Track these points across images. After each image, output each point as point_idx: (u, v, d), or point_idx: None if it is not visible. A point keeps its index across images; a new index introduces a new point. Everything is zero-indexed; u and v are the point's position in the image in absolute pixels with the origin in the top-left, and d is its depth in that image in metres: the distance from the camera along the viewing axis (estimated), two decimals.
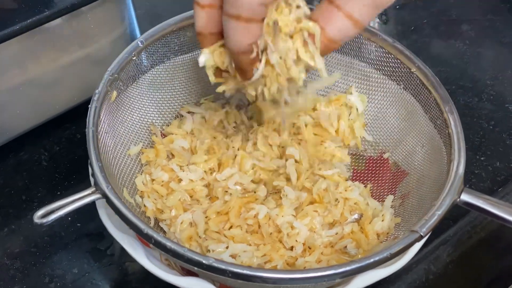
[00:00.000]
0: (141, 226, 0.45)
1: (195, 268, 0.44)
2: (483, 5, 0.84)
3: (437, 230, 0.48)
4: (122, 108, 0.57)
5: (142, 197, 0.55)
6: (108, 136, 0.53)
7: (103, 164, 0.49)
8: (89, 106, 0.51)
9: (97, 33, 0.62)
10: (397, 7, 0.83)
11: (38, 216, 0.45)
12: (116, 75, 0.54)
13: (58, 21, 0.56)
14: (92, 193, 0.47)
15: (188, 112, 0.62)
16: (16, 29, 0.53)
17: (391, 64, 0.59)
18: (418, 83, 0.56)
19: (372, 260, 0.44)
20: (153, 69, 0.59)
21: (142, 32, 0.59)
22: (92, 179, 0.48)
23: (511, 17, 0.82)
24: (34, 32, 0.55)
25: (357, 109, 0.61)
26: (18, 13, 0.54)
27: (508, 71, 0.75)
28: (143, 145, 0.58)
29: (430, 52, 0.78)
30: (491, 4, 0.84)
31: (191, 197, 0.56)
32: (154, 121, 0.60)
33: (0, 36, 0.52)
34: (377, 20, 0.82)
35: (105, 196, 0.47)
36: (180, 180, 0.57)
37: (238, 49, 0.42)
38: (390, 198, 0.57)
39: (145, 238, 0.46)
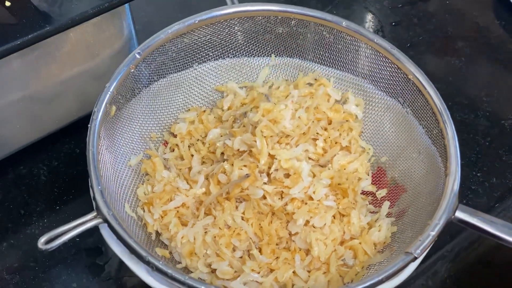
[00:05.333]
0: (143, 253, 0.46)
1: None
2: (478, 22, 0.85)
3: (435, 246, 0.49)
4: (122, 120, 0.57)
5: (143, 210, 0.56)
6: (108, 152, 0.53)
7: (104, 181, 0.49)
8: (89, 125, 0.51)
9: (98, 48, 0.62)
10: (393, 24, 0.84)
11: (42, 242, 0.46)
12: (114, 91, 0.54)
13: (58, 36, 0.56)
14: (94, 217, 0.48)
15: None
16: (17, 44, 0.53)
17: (388, 69, 0.59)
18: (414, 90, 0.57)
19: (368, 283, 0.45)
20: (151, 79, 0.59)
21: None
22: (94, 203, 0.49)
23: (506, 34, 0.83)
24: (35, 47, 0.55)
25: (356, 116, 0.61)
26: (19, 28, 0.54)
27: (504, 87, 0.76)
28: (143, 155, 0.59)
29: (426, 68, 0.76)
30: (486, 21, 0.85)
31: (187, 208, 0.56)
32: (153, 128, 0.61)
33: (1, 51, 0.52)
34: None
35: (106, 221, 0.47)
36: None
37: None
38: (386, 204, 0.57)
39: (147, 265, 0.47)
